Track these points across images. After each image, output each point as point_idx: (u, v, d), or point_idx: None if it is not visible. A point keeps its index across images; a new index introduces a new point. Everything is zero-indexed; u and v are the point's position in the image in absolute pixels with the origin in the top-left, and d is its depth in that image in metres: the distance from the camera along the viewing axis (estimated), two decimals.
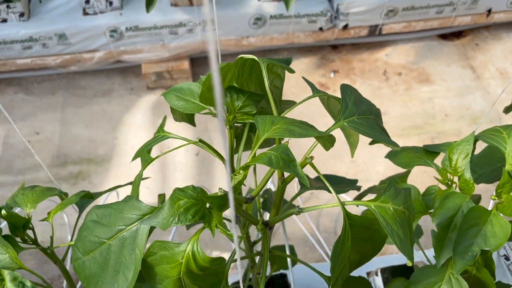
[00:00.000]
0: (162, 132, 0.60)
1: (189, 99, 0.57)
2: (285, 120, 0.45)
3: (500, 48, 1.75)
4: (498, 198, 0.60)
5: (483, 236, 0.56)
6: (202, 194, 0.39)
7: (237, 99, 0.52)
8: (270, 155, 0.39)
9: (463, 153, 0.62)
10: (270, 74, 0.58)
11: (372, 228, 0.45)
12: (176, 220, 0.37)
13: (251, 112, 0.52)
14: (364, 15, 1.58)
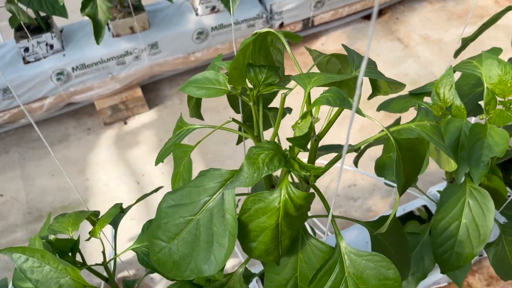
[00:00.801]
0: (185, 125, 0.63)
1: (209, 86, 0.60)
2: (318, 74, 0.50)
3: (417, 18, 1.94)
4: (487, 115, 0.69)
5: (488, 146, 0.64)
6: (277, 144, 0.43)
7: (260, 72, 0.56)
8: (327, 97, 0.44)
9: (447, 85, 0.71)
10: (273, 49, 0.63)
11: (414, 149, 0.51)
12: (265, 171, 0.41)
13: (274, 81, 0.57)
14: (296, 11, 1.69)
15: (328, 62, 0.64)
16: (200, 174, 0.45)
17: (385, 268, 0.47)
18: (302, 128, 0.44)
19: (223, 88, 0.58)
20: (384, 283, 0.47)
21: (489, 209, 0.63)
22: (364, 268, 0.47)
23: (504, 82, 0.67)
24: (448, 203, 0.65)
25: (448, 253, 0.66)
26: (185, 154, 0.57)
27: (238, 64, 0.53)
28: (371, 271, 0.47)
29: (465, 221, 0.64)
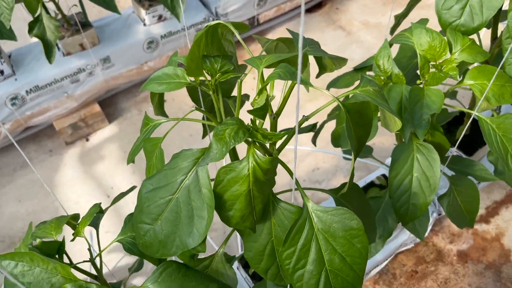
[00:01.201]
0: (151, 121, 0.66)
1: (170, 80, 0.64)
2: (267, 55, 0.56)
3: (355, 5, 2.04)
4: (423, 78, 0.76)
5: (427, 105, 0.72)
6: (240, 120, 0.48)
7: (215, 62, 0.61)
8: (278, 72, 0.50)
9: (385, 57, 0.78)
10: (225, 41, 0.68)
11: (362, 112, 0.57)
12: (232, 143, 0.46)
13: (230, 68, 0.62)
14: (241, 11, 1.75)
15: (276, 48, 0.70)
16: (174, 157, 0.49)
17: (349, 219, 0.52)
18: (260, 102, 0.50)
19: (182, 81, 0.63)
20: (350, 233, 0.52)
21: (435, 160, 0.71)
22: (331, 222, 0.52)
23: (434, 48, 0.75)
24: (399, 160, 0.72)
25: (405, 205, 0.73)
26: (155, 146, 0.61)
27: (194, 56, 0.58)
28: (337, 224, 0.52)
29: (416, 175, 0.71)
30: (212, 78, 0.62)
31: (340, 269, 0.49)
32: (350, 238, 0.49)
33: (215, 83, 0.63)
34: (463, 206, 0.89)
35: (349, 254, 0.49)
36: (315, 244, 0.51)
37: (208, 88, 0.62)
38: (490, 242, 1.35)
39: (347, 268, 0.49)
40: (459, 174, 0.91)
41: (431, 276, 1.29)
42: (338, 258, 0.49)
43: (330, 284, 0.49)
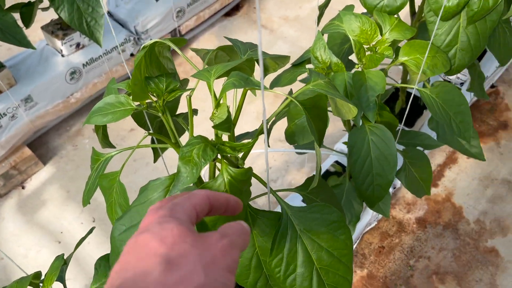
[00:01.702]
0: (102, 156, 0.62)
1: (114, 109, 0.60)
2: (215, 66, 0.54)
3: (272, 2, 2.07)
4: (361, 62, 0.78)
5: (370, 88, 0.74)
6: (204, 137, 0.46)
7: (160, 82, 0.59)
8: (232, 82, 0.48)
9: (321, 47, 0.79)
10: (163, 59, 0.66)
11: (317, 106, 0.58)
12: (202, 163, 0.44)
13: (176, 86, 0.59)
14: (161, 25, 1.71)
15: (216, 57, 0.68)
16: (142, 190, 0.46)
17: (328, 213, 0.52)
18: (220, 115, 0.48)
19: (128, 107, 0.59)
20: (332, 227, 0.52)
21: (389, 139, 0.73)
22: (311, 220, 0.52)
23: (365, 31, 0.77)
24: (356, 145, 0.73)
25: (370, 188, 0.74)
26: (113, 181, 0.57)
27: (137, 79, 0.55)
28: (318, 221, 0.52)
29: (374, 156, 0.73)
30: (159, 99, 0.60)
31: (330, 264, 0.49)
32: (333, 232, 0.49)
33: (163, 104, 0.60)
34: (418, 176, 0.93)
35: (335, 248, 0.49)
36: (300, 245, 0.51)
37: (156, 110, 0.60)
38: (442, 204, 1.42)
39: (336, 262, 0.49)
40: (408, 146, 0.95)
41: (397, 248, 1.34)
42: (325, 255, 0.49)
43: (323, 282, 0.49)
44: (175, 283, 0.27)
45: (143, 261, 0.28)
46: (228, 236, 0.31)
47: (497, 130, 1.58)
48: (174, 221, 0.30)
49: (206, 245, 0.29)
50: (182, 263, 0.28)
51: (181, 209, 0.31)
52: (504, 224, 1.37)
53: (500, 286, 1.26)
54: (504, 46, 0.94)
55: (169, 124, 0.60)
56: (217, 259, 0.29)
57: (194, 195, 0.33)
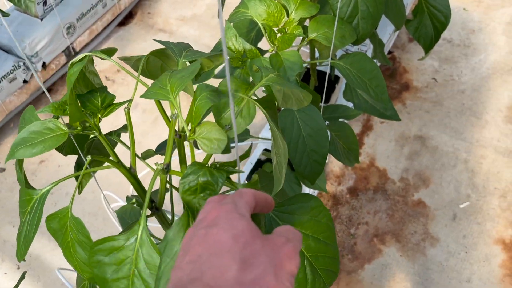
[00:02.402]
0: (34, 194, 0.55)
1: (44, 137, 0.53)
2: (170, 79, 0.49)
3: (166, 5, 2.02)
4: (274, 45, 0.78)
5: (289, 68, 0.74)
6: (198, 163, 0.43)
7: (94, 98, 0.53)
8: (206, 96, 0.45)
9: (233, 37, 0.78)
10: (89, 74, 0.60)
11: (270, 100, 0.56)
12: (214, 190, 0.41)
13: (113, 100, 0.54)
14: (52, 45, 1.59)
15: (148, 63, 0.64)
16: (162, 246, 0.41)
17: (307, 201, 0.50)
18: (207, 135, 0.43)
19: (60, 132, 0.53)
20: (314, 213, 0.50)
21: (316, 114, 0.74)
22: (294, 211, 0.50)
23: (272, 14, 0.77)
24: (287, 127, 0.74)
25: (308, 166, 0.75)
26: (64, 220, 0.51)
27: (72, 99, 0.49)
28: (300, 210, 0.50)
29: (306, 133, 0.74)
30: (95, 117, 0.54)
31: (318, 249, 0.48)
32: (315, 217, 0.48)
33: (99, 122, 0.55)
34: (346, 146, 0.96)
35: (320, 232, 0.48)
36: None
37: (92, 130, 0.54)
38: (368, 170, 1.49)
39: (323, 245, 0.49)
40: (331, 120, 0.97)
41: (337, 220, 1.38)
42: (312, 242, 0.48)
43: (315, 268, 0.48)
44: (251, 282, 0.27)
45: (218, 257, 0.28)
46: (292, 241, 0.32)
47: (401, 92, 1.69)
48: (243, 218, 0.31)
49: (274, 247, 0.30)
50: (255, 263, 0.28)
51: (243, 205, 0.32)
52: (425, 176, 1.47)
53: (433, 232, 1.35)
54: (397, 10, 1.00)
55: (107, 142, 0.55)
56: (284, 263, 0.30)
57: (244, 193, 0.34)
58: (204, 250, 0.29)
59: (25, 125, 0.55)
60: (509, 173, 1.46)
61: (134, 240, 0.43)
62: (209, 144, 0.43)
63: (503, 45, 1.82)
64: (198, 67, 0.46)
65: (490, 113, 1.62)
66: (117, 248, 0.43)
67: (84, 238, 0.47)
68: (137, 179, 0.55)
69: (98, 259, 0.45)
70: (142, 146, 1.54)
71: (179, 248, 0.40)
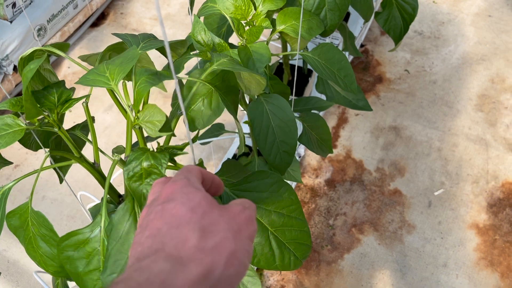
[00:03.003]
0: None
1: (1, 134, 0.53)
2: (109, 66, 0.50)
3: (138, 4, 2.01)
4: (242, 39, 0.79)
5: (258, 60, 0.75)
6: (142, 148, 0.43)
7: (50, 94, 0.53)
8: (145, 80, 0.45)
9: (201, 31, 0.78)
10: (44, 71, 0.60)
11: (226, 80, 0.57)
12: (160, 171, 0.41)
13: (70, 95, 0.54)
14: (23, 47, 1.56)
15: (102, 58, 0.64)
16: (108, 229, 0.41)
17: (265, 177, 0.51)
18: (151, 117, 0.44)
19: (17, 128, 0.53)
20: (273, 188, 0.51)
21: (285, 105, 0.75)
22: (251, 189, 0.51)
23: (239, 7, 0.78)
24: (256, 118, 0.74)
25: (278, 156, 0.76)
26: (24, 216, 0.51)
27: (28, 96, 0.49)
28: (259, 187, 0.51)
29: (275, 124, 0.75)
30: (53, 113, 0.54)
31: (283, 224, 0.49)
32: (275, 193, 0.49)
33: (58, 117, 0.55)
34: (319, 137, 0.98)
35: (283, 207, 0.49)
36: None
37: (52, 125, 0.54)
38: (344, 162, 1.51)
39: (288, 219, 0.49)
40: (303, 112, 0.99)
41: (315, 212, 1.40)
42: (276, 216, 0.49)
43: (281, 242, 0.49)
44: (212, 249, 0.29)
45: (178, 229, 0.29)
46: (249, 209, 0.33)
47: (375, 85, 1.72)
48: (198, 191, 0.32)
49: (232, 215, 0.32)
50: (214, 231, 0.30)
51: (195, 180, 0.33)
52: (400, 166, 1.50)
53: (410, 220, 1.38)
54: (364, 2, 1.02)
55: (68, 137, 0.55)
56: (242, 228, 0.31)
57: (192, 169, 0.35)
58: (163, 224, 0.30)
59: None
60: (481, 159, 1.50)
61: (98, 232, 0.43)
62: (153, 128, 0.43)
63: (471, 36, 1.86)
64: (137, 53, 0.46)
65: (461, 102, 1.66)
66: (83, 242, 0.44)
67: (47, 232, 0.47)
68: (101, 174, 0.55)
69: (67, 255, 0.46)
70: None
71: (124, 231, 0.41)
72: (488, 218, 1.38)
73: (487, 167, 1.49)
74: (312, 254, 1.32)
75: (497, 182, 1.45)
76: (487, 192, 1.43)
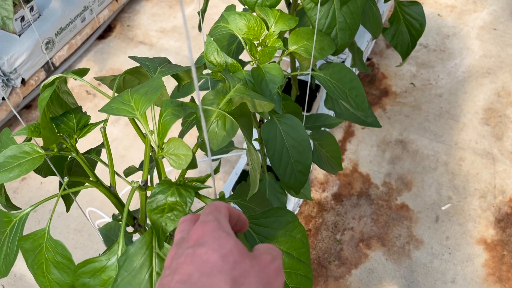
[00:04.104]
0: (13, 216, 0.55)
1: (20, 161, 0.53)
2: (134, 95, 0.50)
3: (145, 17, 2.02)
4: (255, 59, 0.80)
5: (271, 81, 0.75)
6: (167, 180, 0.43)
7: (69, 120, 0.53)
8: (171, 112, 0.45)
9: (214, 51, 0.79)
10: (63, 94, 0.60)
11: (243, 113, 0.57)
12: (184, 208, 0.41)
13: (88, 121, 0.54)
14: (31, 61, 1.57)
15: (124, 82, 0.64)
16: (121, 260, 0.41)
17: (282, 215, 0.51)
18: (175, 150, 0.44)
19: (36, 155, 0.53)
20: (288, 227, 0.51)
21: (299, 125, 0.75)
22: (268, 225, 0.51)
23: (252, 28, 0.78)
24: (270, 139, 0.75)
25: (292, 176, 0.76)
26: (39, 241, 0.51)
27: (45, 123, 0.49)
28: (275, 224, 0.51)
29: (289, 145, 0.75)
30: (71, 138, 0.54)
31: (291, 266, 0.49)
32: (289, 232, 0.49)
33: (76, 143, 0.55)
34: (329, 154, 0.98)
35: (294, 248, 0.49)
36: None
37: (70, 151, 0.54)
38: (351, 176, 1.51)
39: (296, 262, 0.49)
40: (314, 129, 0.99)
41: (323, 227, 1.40)
42: (286, 257, 0.49)
43: (287, 285, 0.49)
44: None
45: (209, 278, 0.29)
46: (277, 259, 0.33)
47: (381, 98, 1.72)
48: (229, 236, 0.31)
49: (262, 266, 0.31)
50: (246, 283, 0.29)
51: (225, 223, 0.32)
52: (407, 180, 1.50)
53: (417, 235, 1.38)
54: (374, 20, 1.03)
55: (85, 162, 0.55)
56: (272, 281, 0.31)
57: (221, 207, 0.34)
58: (194, 270, 0.29)
59: (1, 147, 0.55)
60: (488, 174, 1.50)
61: (115, 260, 0.43)
62: (177, 160, 0.43)
63: (477, 49, 1.87)
64: (162, 84, 0.47)
65: (467, 116, 1.66)
66: (99, 270, 0.44)
67: (63, 260, 0.47)
68: (117, 197, 0.55)
69: (83, 282, 0.46)
70: (126, 160, 1.54)
71: (138, 264, 0.41)
72: (496, 233, 1.38)
73: (495, 182, 1.48)
74: (319, 269, 1.32)
75: (504, 197, 1.45)
76: (494, 207, 1.43)
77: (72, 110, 0.54)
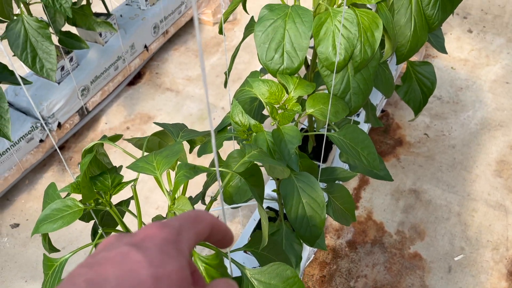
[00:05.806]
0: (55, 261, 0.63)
1: (63, 214, 0.62)
2: (155, 157, 0.59)
3: (172, 66, 2.16)
4: (275, 120, 0.88)
5: (289, 142, 0.83)
6: None
7: (105, 179, 0.62)
8: (183, 174, 0.54)
9: (239, 113, 0.88)
10: (99, 155, 0.70)
11: (254, 173, 0.65)
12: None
13: (121, 179, 0.63)
14: (67, 107, 1.70)
15: (148, 142, 0.74)
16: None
17: (284, 270, 0.58)
18: (181, 207, 0.52)
19: (76, 209, 0.62)
20: (288, 283, 0.58)
21: (314, 183, 0.82)
22: (269, 280, 0.58)
23: (273, 93, 0.87)
24: (288, 194, 0.82)
25: (307, 230, 0.83)
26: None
27: (85, 183, 0.58)
28: (275, 279, 0.57)
29: (305, 201, 0.82)
30: (106, 195, 0.63)
31: None
32: (289, 287, 0.55)
33: (110, 198, 0.64)
34: (343, 207, 1.04)
35: None
36: None
37: (104, 205, 0.63)
38: (365, 223, 1.56)
39: None
40: (328, 182, 1.06)
41: (337, 273, 1.44)
42: None
43: None
44: None
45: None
46: None
47: (395, 147, 1.78)
48: (178, 257, 0.25)
49: None
50: None
51: (186, 239, 0.27)
52: (420, 229, 1.54)
53: (430, 285, 1.41)
54: (386, 82, 1.11)
55: (118, 215, 0.64)
56: None
57: (200, 220, 0.29)
58: (113, 276, 0.23)
59: (48, 199, 0.64)
60: (500, 226, 1.53)
61: None
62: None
63: (489, 102, 1.93)
64: (182, 148, 0.55)
65: (480, 167, 1.70)
66: None
67: None
68: None
69: None
70: (150, 201, 1.62)
71: None
72: (508, 286, 1.39)
73: (507, 234, 1.51)
74: None
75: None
76: (507, 259, 1.45)
77: (108, 171, 0.63)
